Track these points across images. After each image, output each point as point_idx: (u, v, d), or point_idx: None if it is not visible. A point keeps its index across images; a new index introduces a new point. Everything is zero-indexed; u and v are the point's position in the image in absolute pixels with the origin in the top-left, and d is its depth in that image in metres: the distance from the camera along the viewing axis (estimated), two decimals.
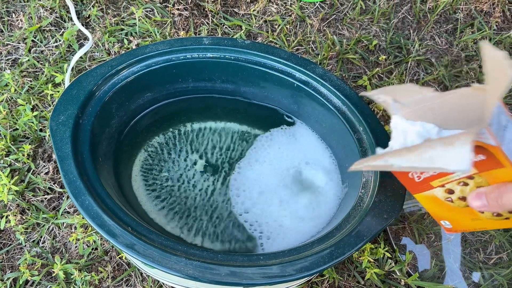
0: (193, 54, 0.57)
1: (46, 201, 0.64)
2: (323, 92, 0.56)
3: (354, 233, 0.45)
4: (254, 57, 0.58)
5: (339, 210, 0.53)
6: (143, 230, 0.44)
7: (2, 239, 0.62)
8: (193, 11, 0.83)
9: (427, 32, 0.83)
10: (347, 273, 0.61)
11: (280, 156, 0.58)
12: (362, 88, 0.77)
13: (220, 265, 0.41)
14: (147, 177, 0.56)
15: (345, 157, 0.56)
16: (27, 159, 0.66)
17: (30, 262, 0.60)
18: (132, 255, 0.41)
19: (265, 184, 0.56)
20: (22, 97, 0.71)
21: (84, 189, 0.44)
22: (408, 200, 0.63)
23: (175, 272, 0.41)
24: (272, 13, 0.84)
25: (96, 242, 0.61)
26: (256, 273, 0.41)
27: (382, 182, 0.49)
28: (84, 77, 0.53)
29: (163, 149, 0.58)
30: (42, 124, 0.70)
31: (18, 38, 0.79)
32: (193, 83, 0.60)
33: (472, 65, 0.79)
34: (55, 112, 0.49)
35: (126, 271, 0.60)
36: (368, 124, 0.53)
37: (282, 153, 0.59)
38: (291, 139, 0.60)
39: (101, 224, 0.43)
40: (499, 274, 0.60)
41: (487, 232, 0.61)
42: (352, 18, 0.84)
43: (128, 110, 0.57)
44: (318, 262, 0.43)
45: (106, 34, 0.78)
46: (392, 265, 0.61)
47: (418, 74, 0.79)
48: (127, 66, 0.55)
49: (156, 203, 0.54)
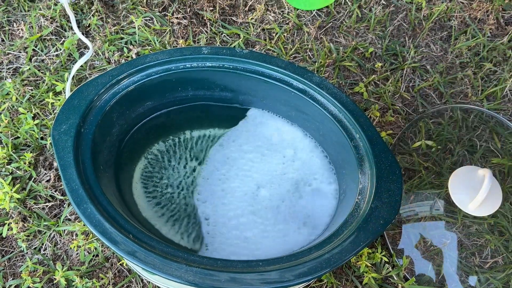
0: (192, 64, 0.58)
1: (48, 208, 0.65)
2: (320, 100, 0.57)
3: (351, 238, 0.46)
4: (252, 66, 0.59)
5: (336, 216, 0.54)
6: (144, 237, 0.45)
7: (4, 247, 0.62)
8: (192, 19, 0.84)
9: (422, 39, 0.85)
10: (345, 278, 0.62)
11: (276, 163, 0.59)
12: (358, 95, 0.78)
13: (220, 272, 0.42)
14: (147, 184, 0.57)
15: (342, 163, 0.57)
16: (29, 167, 0.67)
17: (32, 269, 0.60)
18: (134, 262, 0.42)
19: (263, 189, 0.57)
20: (23, 105, 0.72)
21: (86, 197, 0.45)
22: (404, 205, 0.64)
23: (176, 278, 0.41)
24: (270, 21, 0.85)
25: (97, 249, 0.61)
26: (255, 279, 0.42)
27: (378, 188, 0.50)
28: (85, 86, 0.54)
29: (163, 157, 0.59)
30: (43, 132, 0.71)
31: (19, 47, 0.80)
32: (193, 91, 0.61)
33: (467, 72, 0.81)
34: (57, 121, 0.50)
35: (127, 278, 0.60)
36: (364, 131, 0.54)
37: (278, 160, 0.59)
38: (290, 145, 0.61)
39: (103, 232, 0.43)
40: (494, 278, 0.61)
41: (482, 236, 0.62)
42: (348, 26, 0.85)
43: (129, 118, 0.58)
44: (316, 268, 0.43)
45: (106, 43, 0.80)
46: (389, 269, 0.61)
47: (413, 81, 0.80)
48: (128, 76, 0.56)
49: (156, 210, 0.55)
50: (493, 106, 0.77)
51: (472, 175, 0.61)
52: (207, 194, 0.56)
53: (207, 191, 0.56)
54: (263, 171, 0.58)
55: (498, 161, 0.67)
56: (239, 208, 0.55)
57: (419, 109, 0.77)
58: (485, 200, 0.58)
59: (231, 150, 0.60)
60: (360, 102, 0.77)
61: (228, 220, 0.54)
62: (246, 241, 0.53)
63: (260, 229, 0.54)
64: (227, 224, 0.54)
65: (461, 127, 0.71)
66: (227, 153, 0.60)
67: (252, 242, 0.53)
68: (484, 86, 0.80)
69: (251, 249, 0.52)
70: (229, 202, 0.56)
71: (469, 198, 0.59)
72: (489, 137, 0.70)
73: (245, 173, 0.58)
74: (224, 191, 0.56)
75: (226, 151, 0.60)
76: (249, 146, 0.60)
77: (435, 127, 0.71)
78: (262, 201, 0.56)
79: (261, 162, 0.59)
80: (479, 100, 0.79)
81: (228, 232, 0.53)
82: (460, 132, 0.71)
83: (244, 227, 0.54)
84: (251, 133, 0.61)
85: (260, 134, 0.61)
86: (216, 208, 0.55)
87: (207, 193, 0.56)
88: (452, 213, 0.63)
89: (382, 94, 0.78)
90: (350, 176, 0.54)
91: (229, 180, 0.57)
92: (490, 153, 0.68)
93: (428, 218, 0.63)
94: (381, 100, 0.77)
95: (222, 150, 0.60)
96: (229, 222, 0.54)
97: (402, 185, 0.50)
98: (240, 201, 0.56)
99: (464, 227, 0.63)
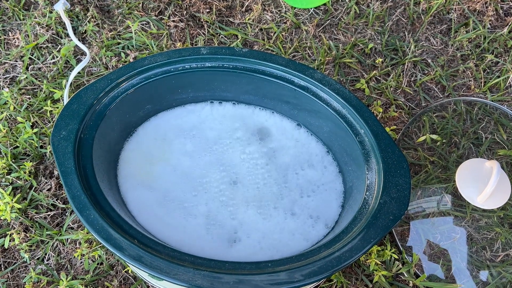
0: (191, 65, 0.58)
1: (50, 217, 0.64)
2: (323, 97, 0.56)
3: (360, 236, 0.45)
4: (252, 65, 0.58)
5: (345, 213, 0.53)
6: (149, 242, 0.44)
7: (6, 258, 0.61)
8: (188, 22, 0.84)
9: (422, 33, 0.84)
10: (354, 276, 0.61)
11: (281, 161, 0.58)
12: (360, 91, 0.77)
13: (228, 274, 0.41)
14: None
15: (347, 160, 0.56)
16: (29, 176, 0.66)
17: (36, 280, 0.59)
18: (140, 268, 0.41)
19: (265, 189, 0.56)
20: (22, 114, 0.71)
21: (88, 203, 0.44)
22: (412, 201, 0.63)
23: (183, 283, 0.40)
24: (267, 21, 0.85)
25: (101, 256, 0.60)
26: (264, 280, 0.41)
27: (386, 183, 0.49)
28: (84, 91, 0.53)
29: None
30: (43, 141, 0.70)
31: (15, 56, 0.79)
32: (193, 92, 0.60)
33: (468, 64, 0.80)
34: (56, 127, 0.49)
35: (132, 285, 0.59)
36: (369, 126, 0.53)
37: (283, 158, 0.59)
38: (293, 143, 0.60)
39: (107, 238, 0.42)
40: (507, 272, 0.59)
41: (492, 229, 0.61)
42: (347, 23, 0.85)
43: (129, 122, 0.57)
44: (327, 267, 0.42)
45: (103, 48, 0.79)
46: (400, 267, 0.60)
47: (415, 75, 0.79)
48: (127, 79, 0.55)
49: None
50: (496, 98, 0.77)
51: (479, 168, 0.60)
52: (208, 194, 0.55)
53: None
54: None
55: (505, 152, 0.66)
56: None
57: (422, 104, 0.76)
58: (493, 193, 0.57)
59: (237, 151, 0.59)
60: (362, 98, 0.76)
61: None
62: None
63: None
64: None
65: (465, 120, 0.70)
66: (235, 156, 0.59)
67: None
68: (487, 78, 0.79)
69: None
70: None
71: (477, 191, 0.58)
72: (494, 129, 0.69)
73: (252, 176, 0.57)
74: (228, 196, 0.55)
75: (232, 153, 0.59)
76: (253, 148, 0.60)
77: (439, 121, 0.70)
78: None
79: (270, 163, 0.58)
80: (482, 92, 0.78)
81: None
82: (465, 125, 0.70)
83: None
84: (256, 136, 0.60)
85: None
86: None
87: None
88: (460, 207, 0.62)
89: (384, 90, 0.77)
90: (357, 173, 0.53)
91: (229, 180, 0.56)
92: (496, 144, 0.68)
93: (436, 213, 0.62)
94: (383, 96, 0.77)
95: (224, 152, 0.59)
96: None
97: (410, 179, 0.49)
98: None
99: (473, 221, 0.62)
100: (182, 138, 0.59)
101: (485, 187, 0.57)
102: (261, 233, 0.52)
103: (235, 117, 0.61)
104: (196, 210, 0.53)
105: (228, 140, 0.59)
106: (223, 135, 0.60)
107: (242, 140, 0.59)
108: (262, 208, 0.54)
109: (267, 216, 0.53)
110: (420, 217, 0.63)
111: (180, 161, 0.57)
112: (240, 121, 0.61)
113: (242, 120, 0.61)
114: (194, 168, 0.56)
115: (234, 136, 0.60)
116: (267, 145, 0.60)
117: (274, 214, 0.53)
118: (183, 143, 0.58)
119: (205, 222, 0.52)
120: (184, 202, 0.53)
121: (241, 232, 0.52)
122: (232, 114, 0.62)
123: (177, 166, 0.56)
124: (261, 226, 0.52)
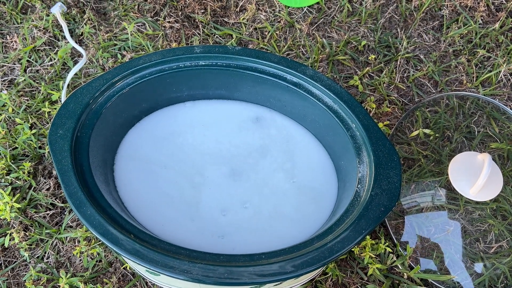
0: (185, 63, 0.59)
1: (49, 216, 0.65)
2: (315, 93, 0.57)
3: (352, 227, 0.46)
4: (245, 63, 0.59)
5: (336, 206, 0.54)
6: (145, 236, 0.45)
7: (6, 257, 0.62)
8: (184, 22, 0.85)
9: (414, 30, 0.85)
10: (350, 270, 0.62)
11: (275, 157, 0.59)
12: (354, 88, 0.78)
13: (223, 266, 0.42)
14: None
15: (340, 154, 0.57)
16: (28, 176, 0.67)
17: (36, 278, 0.60)
18: (137, 262, 0.42)
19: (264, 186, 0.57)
20: (20, 116, 0.72)
21: (85, 200, 0.45)
22: (406, 195, 0.64)
23: (179, 275, 0.41)
24: (262, 20, 0.86)
25: (100, 254, 0.61)
26: (258, 271, 0.42)
27: (377, 176, 0.50)
28: (80, 91, 0.54)
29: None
30: (41, 142, 0.71)
31: (13, 59, 0.80)
32: (187, 91, 0.61)
33: (461, 59, 0.81)
34: (53, 126, 0.50)
35: (131, 281, 0.60)
36: (360, 120, 0.54)
37: (277, 154, 0.59)
38: (286, 138, 0.61)
39: (104, 233, 0.43)
40: (500, 263, 0.60)
41: (485, 221, 0.62)
42: (340, 21, 0.86)
43: (125, 120, 0.58)
44: (319, 257, 0.43)
45: (99, 50, 0.80)
46: (394, 259, 0.61)
47: (408, 71, 0.80)
48: (122, 78, 0.56)
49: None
50: (488, 92, 0.78)
51: (471, 161, 0.61)
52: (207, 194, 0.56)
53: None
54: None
55: (497, 145, 0.66)
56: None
57: (415, 99, 0.77)
58: (486, 185, 0.57)
59: (233, 147, 0.60)
60: (355, 95, 0.77)
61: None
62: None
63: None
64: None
65: (458, 114, 0.71)
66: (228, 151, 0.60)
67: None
68: (479, 73, 0.80)
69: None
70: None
71: (470, 184, 0.59)
72: (486, 123, 0.70)
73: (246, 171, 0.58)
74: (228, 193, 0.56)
75: (228, 148, 0.60)
76: (247, 140, 0.60)
77: (432, 115, 0.71)
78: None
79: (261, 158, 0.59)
80: (475, 86, 0.79)
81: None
82: (457, 119, 0.71)
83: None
84: (250, 131, 0.61)
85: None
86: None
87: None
88: (453, 199, 0.63)
89: (377, 86, 0.78)
90: (349, 166, 0.54)
91: (229, 180, 0.57)
92: (489, 138, 0.68)
93: (430, 206, 0.63)
94: (377, 92, 0.77)
95: (221, 148, 0.60)
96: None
97: (401, 171, 0.50)
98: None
99: (466, 213, 0.63)
100: (177, 136, 0.60)
101: (478, 179, 0.57)
102: (250, 228, 0.53)
103: (229, 113, 0.62)
104: (194, 205, 0.54)
105: (223, 136, 0.60)
106: (218, 131, 0.60)
107: (235, 134, 0.60)
108: (250, 202, 0.55)
109: (257, 213, 0.54)
110: (414, 210, 0.64)
111: (176, 158, 0.57)
112: (234, 118, 0.62)
113: (236, 117, 0.62)
114: (190, 164, 0.57)
115: (229, 131, 0.60)
116: (260, 139, 0.60)
117: (264, 209, 0.54)
118: (178, 141, 0.59)
119: (201, 216, 0.53)
120: (181, 198, 0.54)
121: (229, 227, 0.53)
122: (227, 111, 0.62)
123: (173, 163, 0.57)
124: (251, 220, 0.53)
